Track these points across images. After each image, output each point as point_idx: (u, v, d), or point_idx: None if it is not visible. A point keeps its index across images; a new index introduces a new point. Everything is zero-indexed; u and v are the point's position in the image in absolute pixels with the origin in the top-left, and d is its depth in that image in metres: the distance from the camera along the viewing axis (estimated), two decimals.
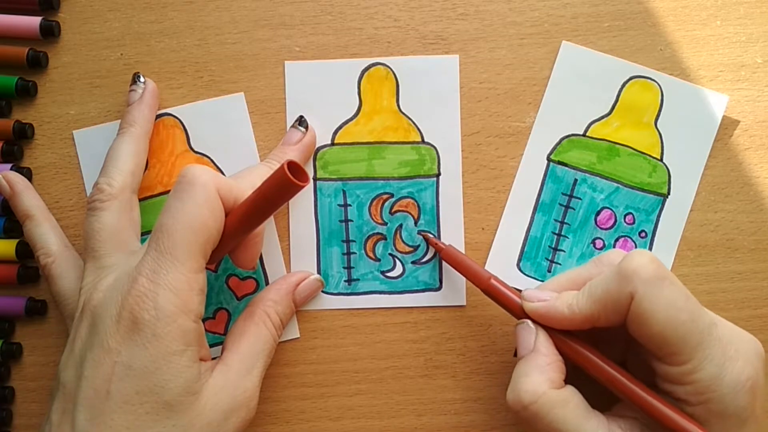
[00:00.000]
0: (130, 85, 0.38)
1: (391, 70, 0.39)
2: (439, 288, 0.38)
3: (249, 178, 0.35)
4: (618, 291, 0.29)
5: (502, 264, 0.38)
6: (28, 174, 0.38)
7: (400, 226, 0.39)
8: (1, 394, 0.38)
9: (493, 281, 0.34)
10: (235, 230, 0.32)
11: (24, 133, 0.38)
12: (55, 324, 0.39)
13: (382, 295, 0.38)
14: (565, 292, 0.32)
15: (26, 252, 0.38)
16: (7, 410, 0.38)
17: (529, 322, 0.33)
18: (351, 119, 0.39)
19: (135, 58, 0.39)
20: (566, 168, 0.39)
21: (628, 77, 0.39)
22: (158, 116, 0.38)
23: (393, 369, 0.38)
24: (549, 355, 0.32)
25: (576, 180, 0.39)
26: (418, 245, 0.38)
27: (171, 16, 0.39)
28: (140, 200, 0.38)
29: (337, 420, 0.38)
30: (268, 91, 0.39)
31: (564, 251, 0.38)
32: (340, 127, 0.39)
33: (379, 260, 0.38)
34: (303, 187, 0.29)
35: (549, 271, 0.38)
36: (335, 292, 0.38)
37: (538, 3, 0.39)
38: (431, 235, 0.38)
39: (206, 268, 0.32)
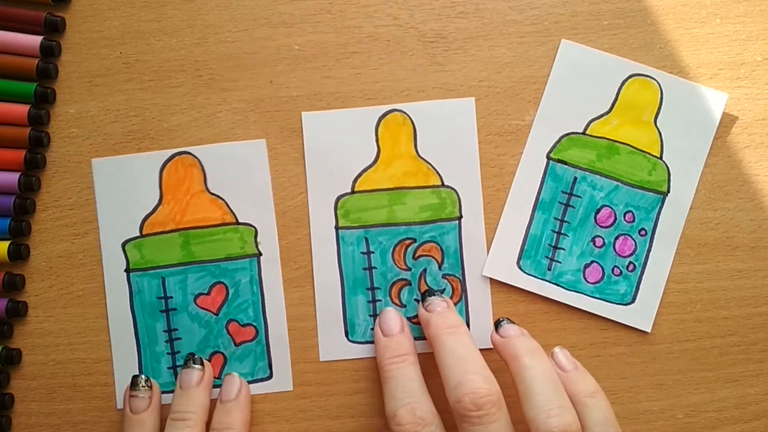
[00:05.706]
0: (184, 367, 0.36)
1: (408, 116, 0.38)
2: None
3: None
4: None
5: (502, 262, 0.38)
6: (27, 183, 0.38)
7: (424, 270, 0.38)
8: (1, 401, 0.38)
9: None
10: None
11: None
12: (54, 323, 0.39)
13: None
14: None
15: (18, 253, 0.38)
16: (6, 417, 0.38)
17: None
18: (370, 166, 0.38)
19: (134, 56, 0.39)
20: (566, 166, 0.39)
21: (627, 75, 0.39)
22: (177, 154, 0.38)
23: None
24: None
25: (576, 178, 0.38)
26: (443, 289, 0.38)
27: (170, 14, 0.39)
28: (149, 235, 0.38)
29: (337, 419, 0.38)
30: (268, 90, 0.39)
31: (564, 249, 0.38)
32: (359, 175, 0.38)
33: (405, 306, 0.38)
34: None
35: (549, 269, 0.38)
36: (362, 340, 0.38)
37: (538, 1, 0.39)
38: None
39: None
